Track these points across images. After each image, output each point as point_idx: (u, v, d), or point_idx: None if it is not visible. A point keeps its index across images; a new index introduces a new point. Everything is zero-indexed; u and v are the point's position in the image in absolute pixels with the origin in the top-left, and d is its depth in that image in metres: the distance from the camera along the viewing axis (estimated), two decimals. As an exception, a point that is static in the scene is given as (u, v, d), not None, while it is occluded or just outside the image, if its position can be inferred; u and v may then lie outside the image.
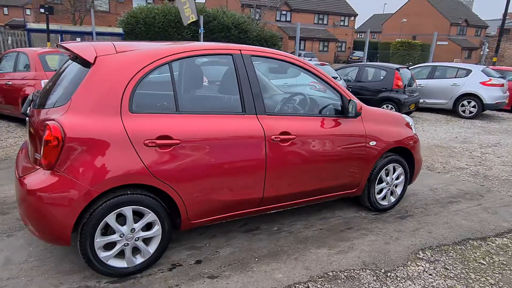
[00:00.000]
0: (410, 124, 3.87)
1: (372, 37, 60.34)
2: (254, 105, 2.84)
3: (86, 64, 2.44)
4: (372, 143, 3.43)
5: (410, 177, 3.92)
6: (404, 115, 3.92)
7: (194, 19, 10.60)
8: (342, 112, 3.29)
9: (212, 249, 2.96)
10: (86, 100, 2.32)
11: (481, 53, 29.57)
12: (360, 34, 62.93)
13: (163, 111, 2.55)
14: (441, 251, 3.09)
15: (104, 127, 2.31)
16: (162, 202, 2.54)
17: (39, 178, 2.28)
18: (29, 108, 2.79)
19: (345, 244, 3.12)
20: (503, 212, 3.96)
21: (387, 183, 3.72)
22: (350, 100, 3.23)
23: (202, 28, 10.94)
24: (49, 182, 2.24)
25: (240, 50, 2.89)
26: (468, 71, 10.47)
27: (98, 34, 13.96)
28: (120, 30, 15.57)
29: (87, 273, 2.57)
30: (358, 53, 37.03)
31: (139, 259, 2.57)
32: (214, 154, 2.62)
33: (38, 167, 2.35)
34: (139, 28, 17.58)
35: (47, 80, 3.54)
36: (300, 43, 37.68)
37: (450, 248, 3.16)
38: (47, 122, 2.26)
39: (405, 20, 46.18)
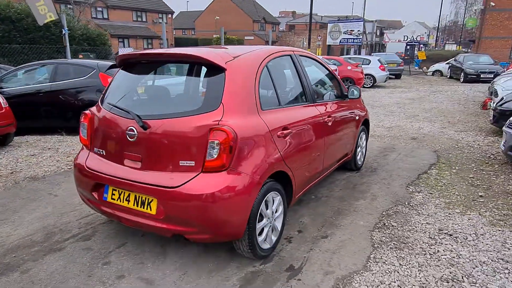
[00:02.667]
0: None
1: (183, 33, 62.40)
2: (311, 96, 3.49)
3: (215, 70, 2.59)
4: (357, 117, 4.54)
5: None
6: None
7: (53, 18, 9.28)
8: (341, 96, 4.24)
9: (298, 222, 3.48)
10: (234, 103, 2.53)
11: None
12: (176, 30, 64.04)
13: (273, 106, 2.93)
14: (415, 184, 4.48)
15: (254, 125, 2.59)
16: (283, 184, 2.96)
17: (213, 181, 2.38)
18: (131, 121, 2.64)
19: (367, 194, 4.14)
20: (417, 155, 5.75)
21: (361, 148, 4.93)
22: (349, 86, 4.22)
23: (66, 28, 9.67)
24: (228, 182, 2.39)
25: (293, 51, 3.46)
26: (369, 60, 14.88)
27: None
28: None
29: (234, 263, 2.75)
30: (183, 50, 38.20)
31: (273, 238, 2.92)
32: (304, 136, 3.19)
33: (196, 172, 2.42)
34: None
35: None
36: (123, 41, 36.06)
37: (416, 181, 4.59)
38: (213, 127, 2.37)
39: (218, 17, 49.91)
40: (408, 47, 39.19)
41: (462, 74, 19.36)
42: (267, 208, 2.74)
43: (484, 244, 3.04)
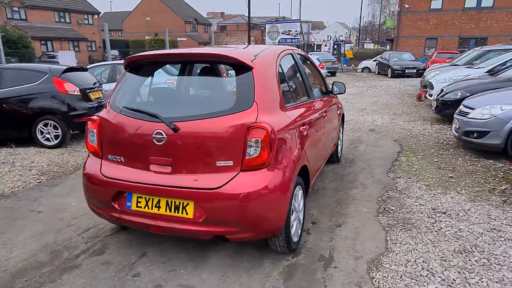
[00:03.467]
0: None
1: (110, 35, 59.26)
2: (311, 92, 3.64)
3: (243, 68, 2.59)
4: (339, 111, 4.80)
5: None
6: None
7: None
8: (327, 92, 4.46)
9: (308, 215, 3.59)
10: (266, 101, 2.56)
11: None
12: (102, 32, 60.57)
13: (291, 103, 3.01)
14: (393, 171, 4.86)
15: (284, 122, 2.66)
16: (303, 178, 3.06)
17: (254, 179, 2.39)
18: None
19: (357, 183, 4.41)
20: (382, 145, 6.21)
21: (340, 140, 5.23)
22: (333, 83, 4.46)
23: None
24: (269, 179, 2.42)
25: (293, 50, 3.57)
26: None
27: None
28: None
29: (267, 259, 2.79)
30: (114, 52, 36.21)
31: (299, 231, 3.00)
32: (314, 131, 3.33)
33: (235, 172, 2.41)
34: None
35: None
36: (46, 43, 33.22)
37: (393, 168, 4.98)
38: (251, 125, 2.38)
39: (149, 18, 48.20)
40: (335, 46, 41.54)
41: (389, 70, 21.05)
42: (295, 202, 2.82)
43: (474, 218, 3.44)
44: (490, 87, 6.66)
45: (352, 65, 29.36)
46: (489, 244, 2.96)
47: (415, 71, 20.26)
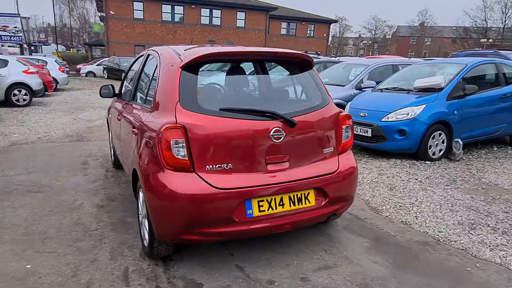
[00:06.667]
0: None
1: None
2: None
3: (310, 67, 2.97)
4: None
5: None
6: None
7: None
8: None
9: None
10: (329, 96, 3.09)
11: None
12: None
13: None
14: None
15: None
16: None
17: (348, 158, 2.94)
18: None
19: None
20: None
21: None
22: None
23: None
24: (353, 156, 3.01)
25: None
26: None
27: None
28: None
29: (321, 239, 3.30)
30: None
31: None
32: None
33: (336, 156, 2.87)
34: None
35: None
36: None
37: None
38: (341, 113, 2.90)
39: None
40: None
41: (123, 74, 21.38)
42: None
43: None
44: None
45: (76, 69, 27.21)
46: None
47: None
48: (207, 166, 2.41)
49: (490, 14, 53.62)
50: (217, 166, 2.43)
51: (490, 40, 42.22)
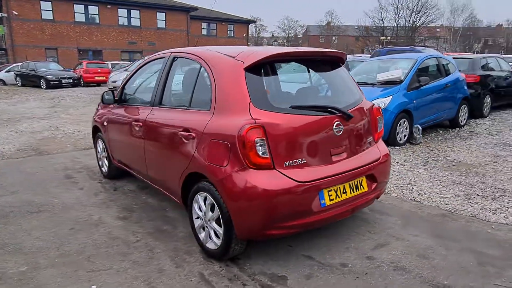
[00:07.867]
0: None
1: None
2: None
3: (341, 64, 3.21)
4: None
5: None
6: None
7: None
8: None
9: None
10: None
11: None
12: None
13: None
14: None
15: None
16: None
17: (381, 147, 3.23)
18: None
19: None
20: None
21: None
22: None
23: None
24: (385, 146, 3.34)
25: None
26: None
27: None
28: None
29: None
30: None
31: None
32: None
33: (374, 144, 3.17)
34: None
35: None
36: None
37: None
38: (374, 106, 3.20)
39: None
40: None
41: (42, 81, 19.47)
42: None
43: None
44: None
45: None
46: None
47: (71, 81, 20.05)
48: (285, 162, 2.51)
49: (386, 15, 59.58)
50: (293, 161, 2.54)
51: (389, 38, 47.06)
